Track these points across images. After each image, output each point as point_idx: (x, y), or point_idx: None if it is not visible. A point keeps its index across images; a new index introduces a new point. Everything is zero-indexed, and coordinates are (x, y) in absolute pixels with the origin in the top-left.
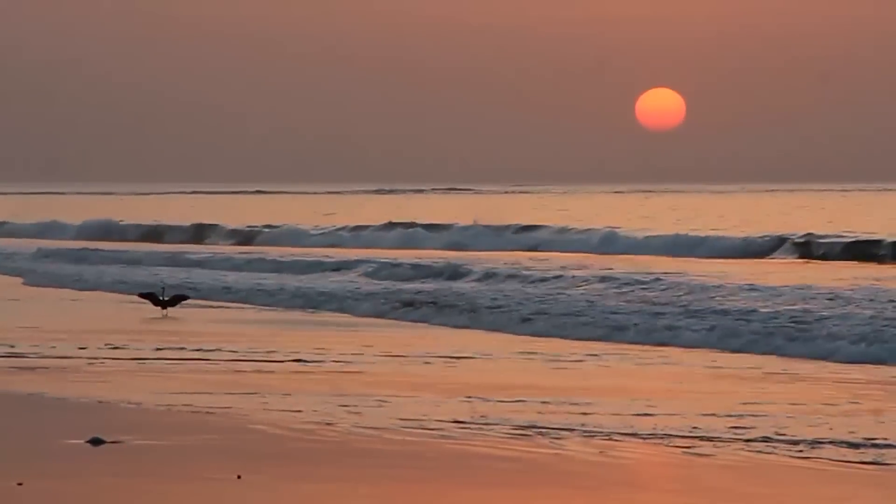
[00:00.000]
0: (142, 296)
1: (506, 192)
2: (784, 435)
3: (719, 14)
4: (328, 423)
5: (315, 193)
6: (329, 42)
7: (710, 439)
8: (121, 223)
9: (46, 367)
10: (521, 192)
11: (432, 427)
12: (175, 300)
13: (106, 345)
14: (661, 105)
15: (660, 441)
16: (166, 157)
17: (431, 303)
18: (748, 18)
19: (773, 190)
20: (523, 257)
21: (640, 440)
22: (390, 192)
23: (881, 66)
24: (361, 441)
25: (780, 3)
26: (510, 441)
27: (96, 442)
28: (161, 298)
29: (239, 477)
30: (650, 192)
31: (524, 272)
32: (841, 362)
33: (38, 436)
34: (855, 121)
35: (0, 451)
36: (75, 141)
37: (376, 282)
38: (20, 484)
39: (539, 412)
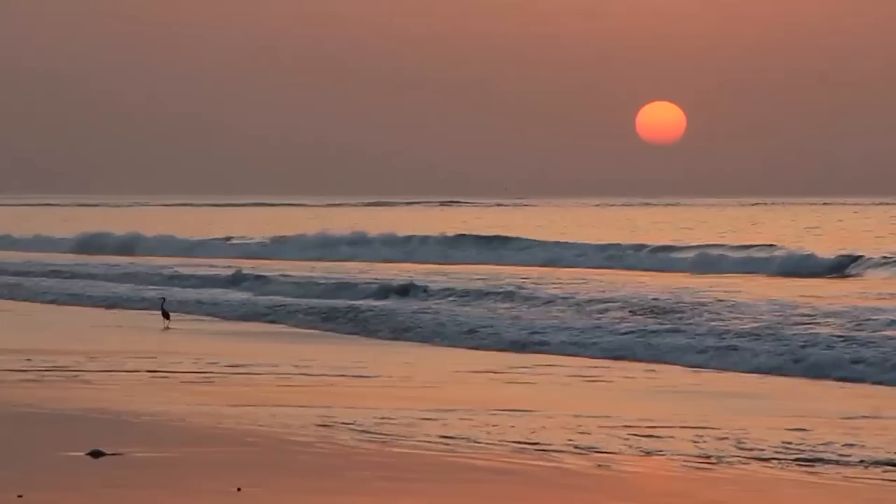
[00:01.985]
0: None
1: (512, 205)
2: (785, 450)
3: (720, 28)
4: (328, 436)
5: (300, 206)
6: (324, 53)
7: (709, 455)
8: None
9: (47, 380)
10: (521, 205)
11: (434, 440)
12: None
13: (106, 358)
14: (661, 118)
15: (658, 454)
16: (156, 169)
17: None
18: (749, 32)
19: (775, 203)
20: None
21: (639, 454)
22: (386, 204)
23: (887, 78)
24: (361, 454)
25: (782, 17)
26: (510, 455)
27: (96, 454)
28: (164, 311)
29: (239, 489)
30: (648, 204)
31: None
32: (837, 379)
33: (39, 448)
34: (859, 133)
35: (0, 463)
36: (61, 152)
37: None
38: (20, 496)
39: (536, 426)
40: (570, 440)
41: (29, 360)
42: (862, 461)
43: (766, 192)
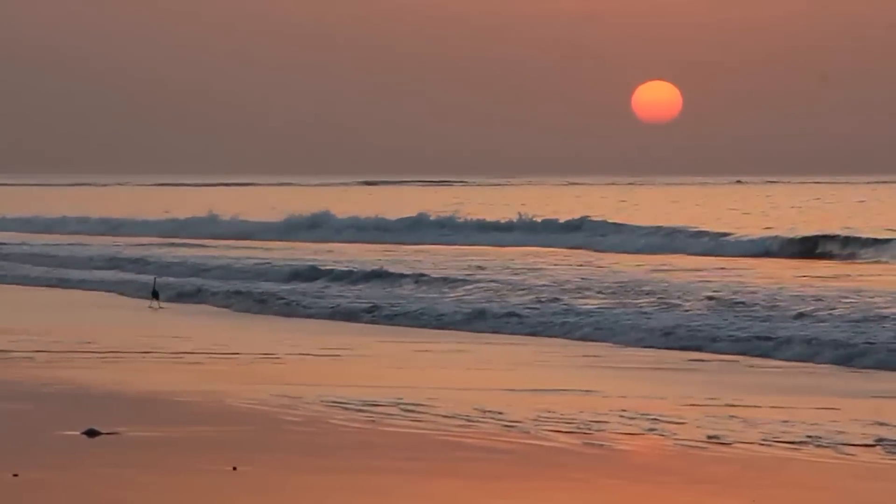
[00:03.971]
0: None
1: (507, 185)
2: (784, 431)
3: (717, 7)
4: (322, 416)
5: (291, 185)
6: (324, 32)
7: (704, 434)
8: None
9: (42, 360)
10: (516, 185)
11: (426, 420)
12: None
13: (99, 337)
14: (657, 97)
15: (651, 433)
16: (154, 149)
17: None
18: (746, 11)
19: (770, 181)
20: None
21: (632, 433)
22: (382, 183)
23: (881, 59)
24: (356, 433)
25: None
26: (504, 433)
27: (92, 433)
28: (154, 291)
29: (234, 468)
30: (633, 183)
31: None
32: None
33: (34, 427)
34: (853, 112)
35: None
36: (61, 132)
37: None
38: (16, 475)
39: (525, 405)
40: (561, 419)
41: (25, 339)
42: (863, 442)
43: (761, 171)
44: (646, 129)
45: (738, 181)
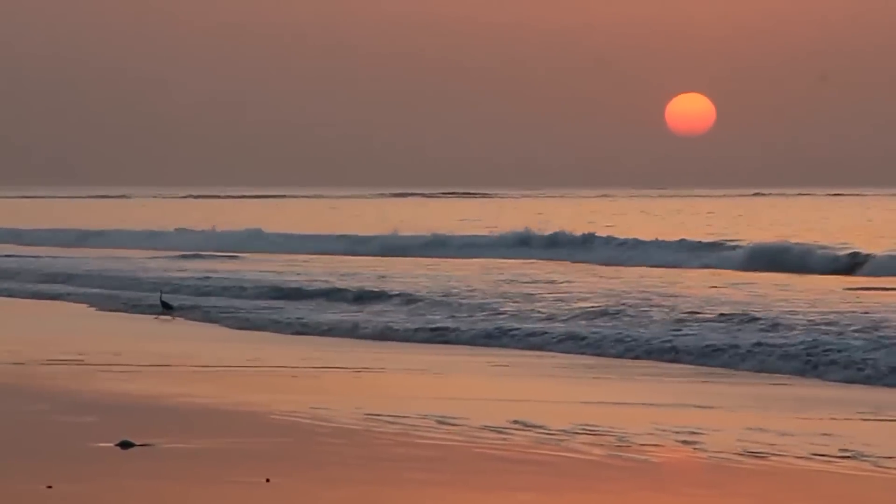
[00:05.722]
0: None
1: (526, 196)
2: (823, 444)
3: (752, 20)
4: (357, 427)
5: (316, 198)
6: (346, 41)
7: (740, 449)
8: None
9: (75, 371)
10: (546, 197)
11: (461, 432)
12: (167, 306)
13: (131, 349)
14: (691, 110)
15: (686, 445)
16: (170, 161)
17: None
18: (781, 25)
19: (804, 194)
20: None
21: (668, 445)
22: (409, 195)
23: None
24: (390, 445)
25: (814, 11)
26: (538, 446)
27: (126, 445)
28: (163, 303)
29: (268, 480)
30: (662, 196)
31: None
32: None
33: (68, 439)
34: (888, 124)
35: (29, 454)
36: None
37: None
38: (49, 487)
39: (564, 418)
40: (595, 431)
41: (57, 351)
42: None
43: (797, 183)
44: (679, 141)
45: (757, 193)
